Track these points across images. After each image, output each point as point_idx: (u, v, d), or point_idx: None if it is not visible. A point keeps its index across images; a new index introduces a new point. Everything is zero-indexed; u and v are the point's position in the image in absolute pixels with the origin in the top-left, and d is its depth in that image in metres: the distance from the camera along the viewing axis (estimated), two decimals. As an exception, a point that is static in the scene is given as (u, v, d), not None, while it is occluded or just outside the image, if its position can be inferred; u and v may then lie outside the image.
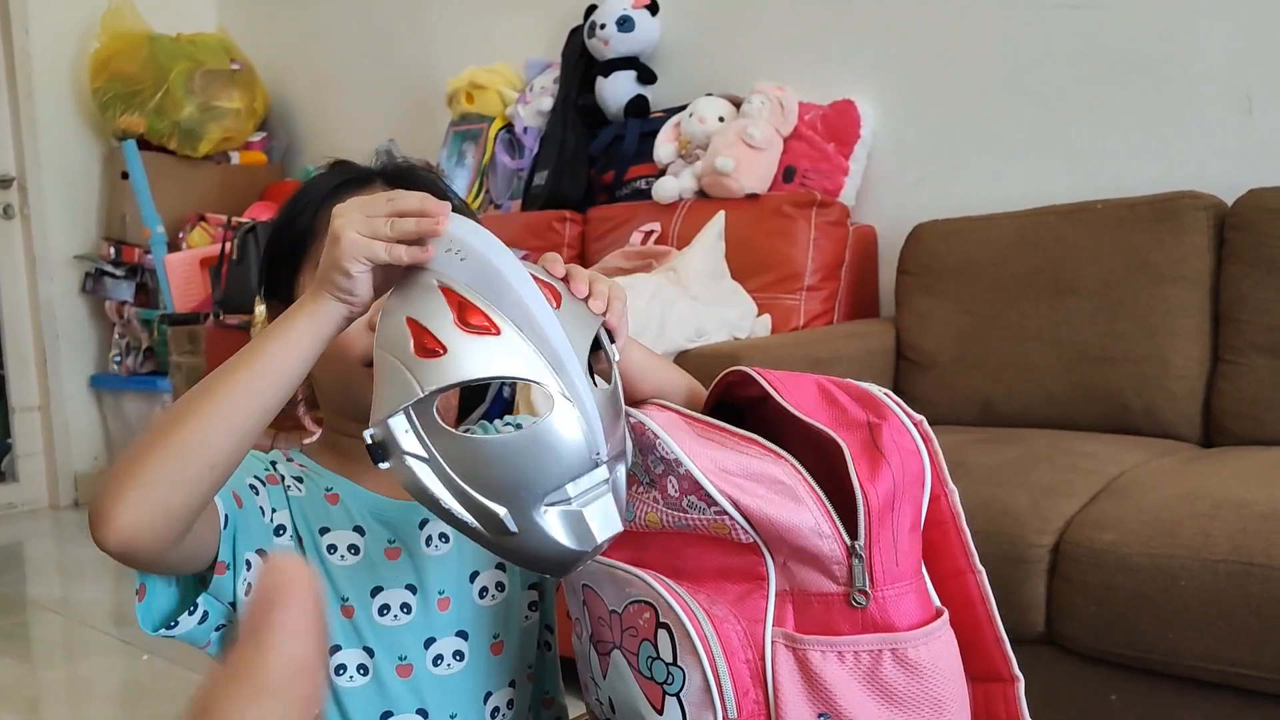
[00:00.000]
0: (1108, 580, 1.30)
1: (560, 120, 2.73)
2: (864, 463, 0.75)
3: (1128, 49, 2.05)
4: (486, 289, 0.71)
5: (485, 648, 0.92)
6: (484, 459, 0.70)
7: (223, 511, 0.83)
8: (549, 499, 0.70)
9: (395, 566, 0.91)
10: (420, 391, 0.69)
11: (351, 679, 0.89)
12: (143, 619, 0.83)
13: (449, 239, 0.73)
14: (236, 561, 0.85)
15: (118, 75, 3.45)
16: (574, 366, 0.70)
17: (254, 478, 0.89)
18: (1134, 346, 1.82)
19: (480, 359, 0.69)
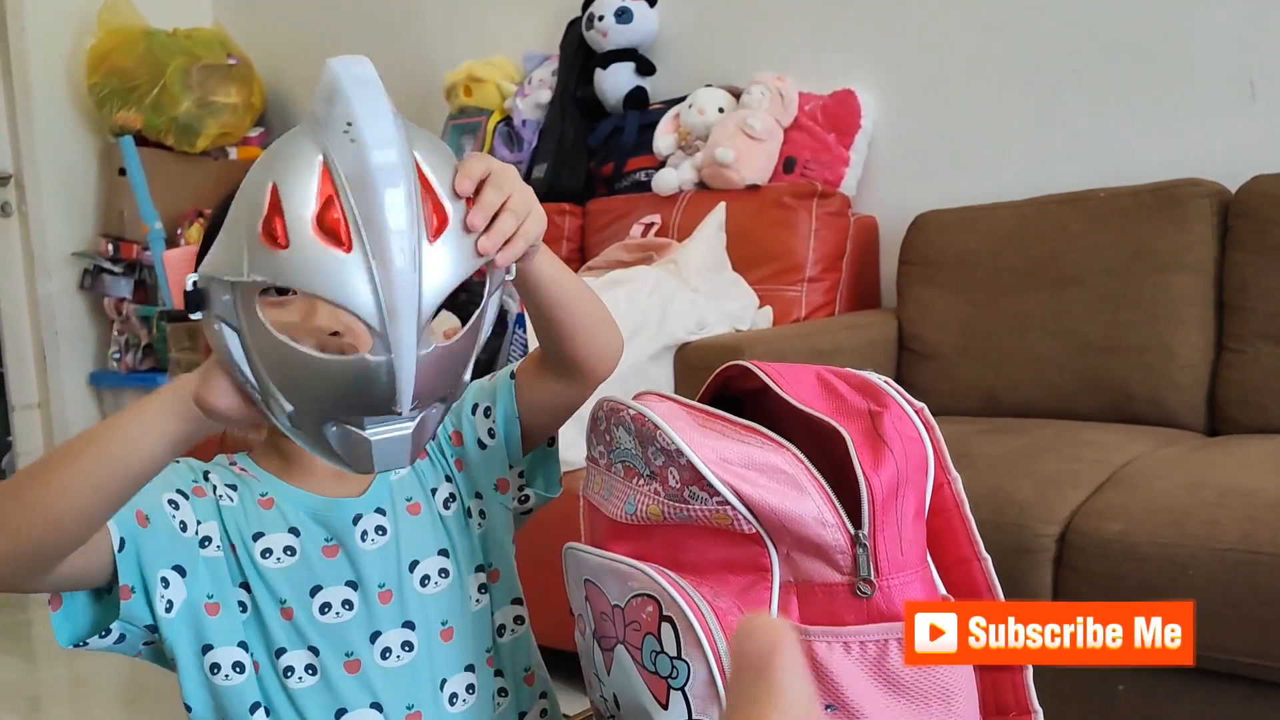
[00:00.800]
0: (1115, 570, 1.29)
1: (559, 113, 2.72)
2: (866, 451, 0.74)
3: (1129, 36, 2.03)
4: (360, 191, 0.64)
5: (434, 636, 0.92)
6: (286, 362, 0.68)
7: (117, 535, 0.82)
8: (339, 421, 0.70)
9: (333, 564, 0.90)
10: (245, 275, 0.66)
11: (301, 680, 0.89)
12: (57, 630, 0.84)
13: (348, 116, 0.65)
14: (148, 582, 0.84)
15: (114, 71, 3.43)
16: (408, 317, 0.65)
17: (176, 492, 0.88)
18: (1138, 335, 1.81)
19: (316, 270, 0.64)
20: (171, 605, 0.86)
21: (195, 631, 0.87)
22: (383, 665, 0.90)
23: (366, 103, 0.65)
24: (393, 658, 0.90)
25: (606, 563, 0.80)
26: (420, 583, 0.92)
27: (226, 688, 0.88)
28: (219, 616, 0.88)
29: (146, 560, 0.84)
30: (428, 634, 0.92)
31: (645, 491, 0.79)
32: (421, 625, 0.91)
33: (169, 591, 0.86)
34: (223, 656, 0.88)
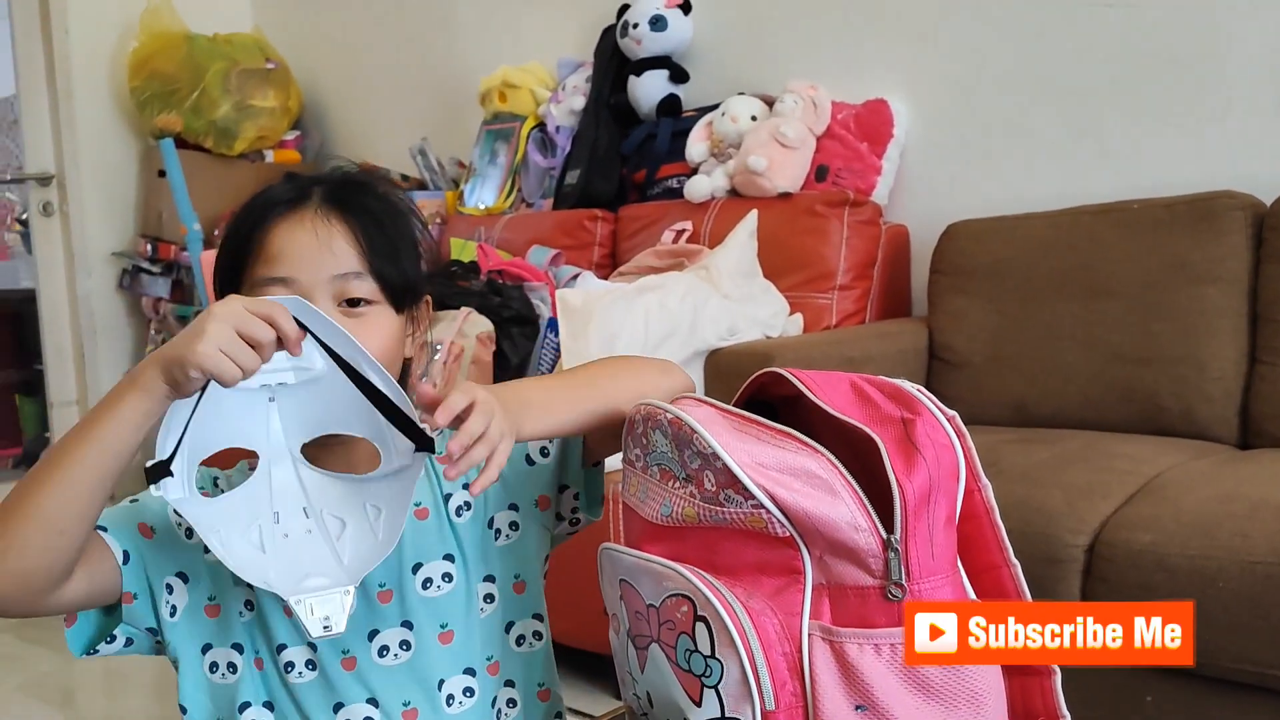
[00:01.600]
0: (1145, 581, 1.29)
1: (592, 119, 2.74)
2: (899, 457, 0.75)
3: (1164, 47, 2.03)
4: None
5: (432, 637, 0.93)
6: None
7: (119, 549, 0.86)
8: None
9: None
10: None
11: (301, 675, 0.91)
12: (71, 642, 0.88)
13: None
14: (153, 589, 0.88)
15: (156, 74, 3.49)
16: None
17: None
18: (1170, 347, 1.81)
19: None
20: (175, 610, 0.90)
21: (198, 633, 0.91)
22: (379, 663, 0.92)
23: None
24: (390, 656, 0.93)
25: (642, 563, 0.81)
26: (422, 585, 0.94)
27: (221, 686, 0.91)
28: (219, 618, 0.91)
29: (151, 569, 0.88)
30: (427, 635, 0.93)
31: (681, 494, 0.80)
32: (420, 626, 0.93)
33: (173, 597, 0.89)
34: (219, 656, 0.91)
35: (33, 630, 2.50)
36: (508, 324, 2.20)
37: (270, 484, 0.84)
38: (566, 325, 1.86)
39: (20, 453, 4.21)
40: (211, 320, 0.75)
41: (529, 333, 2.22)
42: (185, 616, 0.90)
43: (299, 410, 0.83)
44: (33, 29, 3.62)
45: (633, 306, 1.87)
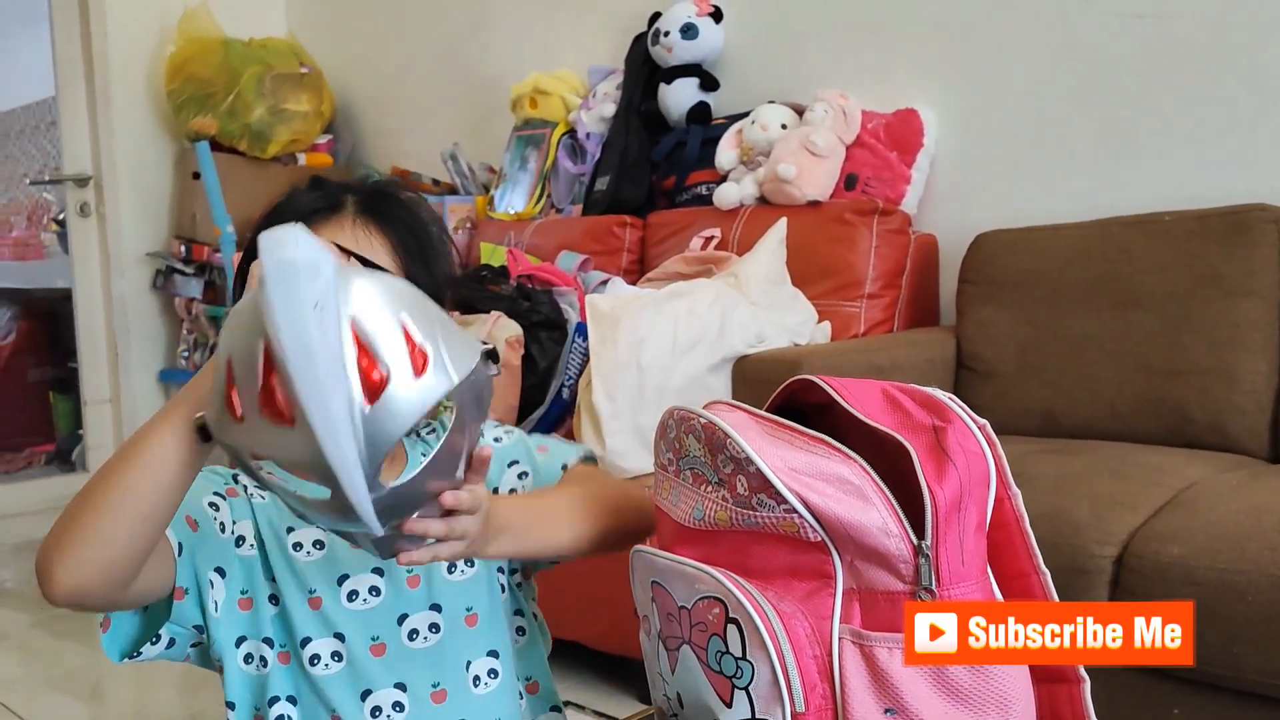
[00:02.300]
0: (1172, 593, 1.29)
1: (623, 126, 2.75)
2: (930, 464, 0.76)
3: (1196, 58, 2.02)
4: (293, 373, 0.66)
5: (459, 620, 0.96)
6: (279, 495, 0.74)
7: (175, 541, 0.87)
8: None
9: (360, 554, 0.94)
10: (215, 434, 0.73)
11: (327, 667, 0.93)
12: (108, 648, 0.89)
13: (271, 308, 0.66)
14: (200, 583, 0.89)
15: (192, 78, 3.54)
16: (353, 473, 0.67)
17: (214, 494, 0.93)
18: (1200, 360, 1.80)
19: (267, 444, 0.69)
20: (217, 605, 0.91)
21: (234, 627, 0.93)
22: (410, 646, 0.95)
23: (284, 290, 0.66)
24: (419, 639, 0.95)
25: (674, 565, 0.82)
26: (448, 569, 0.97)
27: (255, 678, 0.93)
28: (250, 611, 0.93)
29: (200, 561, 0.90)
30: (454, 617, 0.96)
31: (713, 498, 0.81)
32: (448, 609, 0.96)
33: (214, 592, 0.91)
34: (253, 649, 0.93)
35: (62, 624, 2.54)
36: (536, 328, 2.22)
37: None
38: (595, 330, 1.87)
39: (54, 449, 4.26)
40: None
41: (557, 337, 2.24)
42: (225, 611, 0.92)
43: None
44: (72, 32, 3.67)
45: (661, 312, 1.88)
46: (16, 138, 5.27)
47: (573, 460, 1.02)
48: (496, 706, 0.97)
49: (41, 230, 4.98)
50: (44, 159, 5.06)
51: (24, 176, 5.21)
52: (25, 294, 4.75)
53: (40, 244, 4.87)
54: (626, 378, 1.81)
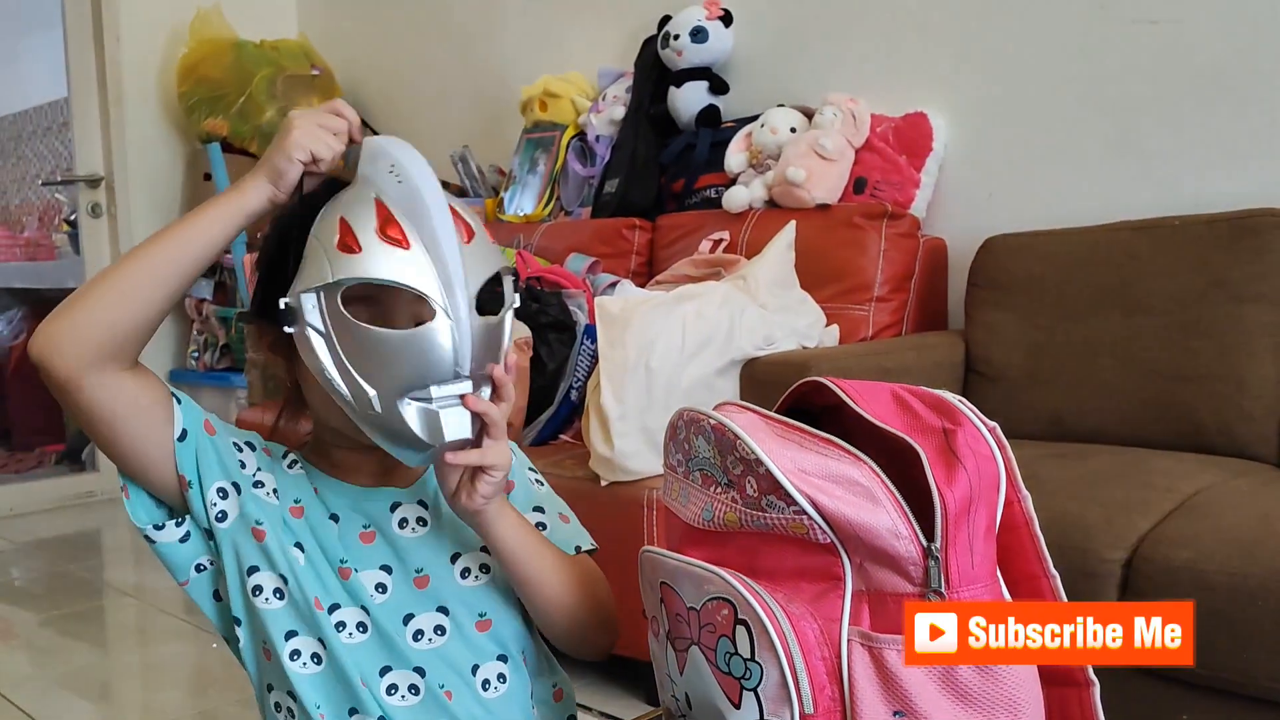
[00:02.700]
0: (1182, 598, 1.28)
1: (632, 129, 2.76)
2: (940, 466, 0.76)
3: (1207, 64, 2.02)
4: (410, 211, 0.84)
5: (469, 624, 0.97)
6: (367, 346, 0.85)
7: (180, 424, 0.91)
8: (413, 394, 0.86)
9: (370, 549, 0.97)
10: (330, 278, 0.84)
11: (351, 635, 0.94)
12: (132, 511, 0.94)
13: (392, 162, 0.86)
14: (204, 485, 0.93)
15: (204, 80, 3.56)
16: (460, 291, 0.84)
17: (245, 443, 0.97)
18: (1209, 365, 1.80)
19: (385, 264, 0.83)
20: (225, 516, 0.93)
21: (243, 548, 0.94)
22: (414, 646, 0.95)
23: (406, 152, 0.87)
24: (424, 640, 0.95)
25: (683, 566, 0.82)
26: (460, 574, 0.98)
27: (266, 611, 0.93)
28: (265, 542, 0.94)
29: (204, 465, 0.93)
30: (463, 622, 0.97)
31: (723, 499, 0.82)
32: (456, 613, 0.97)
33: (225, 503, 0.93)
34: (265, 580, 0.93)
35: (72, 624, 2.55)
36: (545, 330, 2.23)
37: None
38: (604, 332, 1.87)
39: (64, 449, 4.28)
40: (294, 121, 0.89)
41: (566, 339, 2.24)
42: (235, 527, 0.94)
43: None
44: (85, 35, 3.69)
45: (670, 314, 1.88)
46: (29, 139, 5.29)
47: (586, 546, 1.04)
48: (505, 712, 0.97)
49: (53, 231, 5.00)
50: (56, 160, 5.08)
51: (36, 177, 5.23)
52: (37, 294, 4.77)
53: (52, 244, 4.88)
54: (635, 380, 1.81)
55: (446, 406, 0.86)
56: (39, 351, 0.85)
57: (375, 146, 0.88)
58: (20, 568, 3.10)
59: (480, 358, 0.87)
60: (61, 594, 2.79)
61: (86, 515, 3.67)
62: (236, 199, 0.89)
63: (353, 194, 0.86)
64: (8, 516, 3.60)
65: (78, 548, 3.30)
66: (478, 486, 0.91)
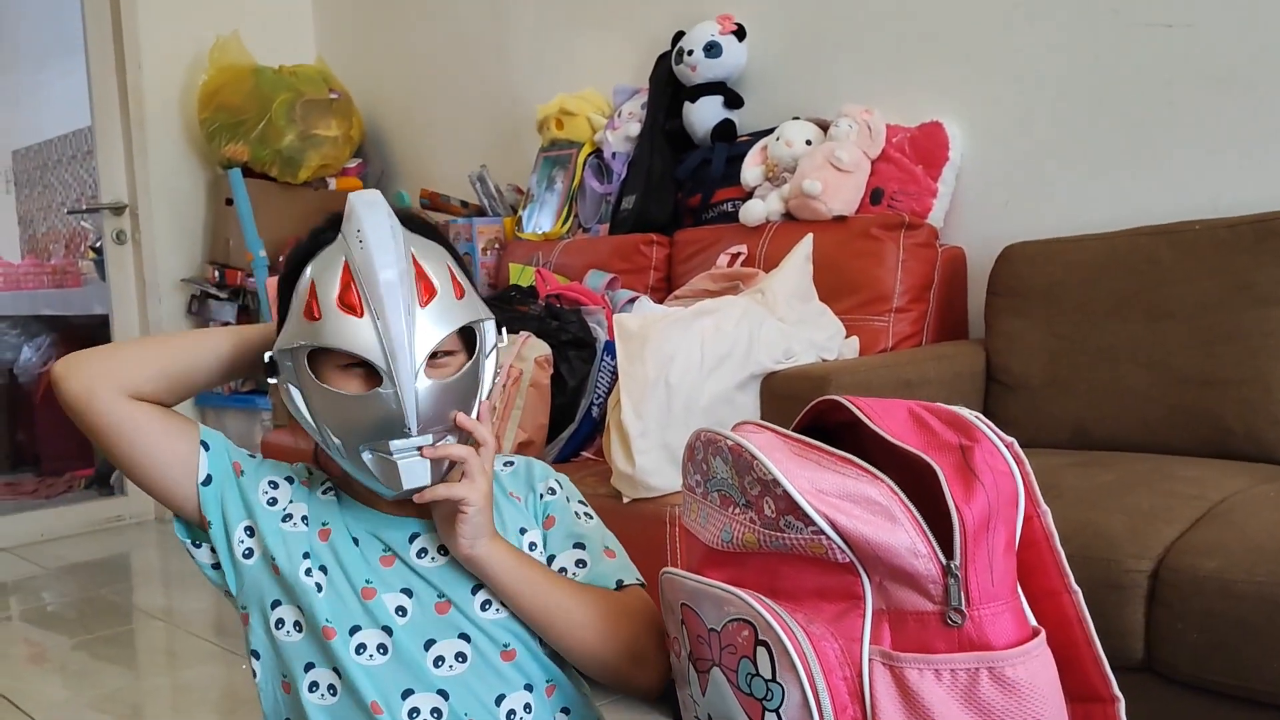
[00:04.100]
0: (1210, 607, 1.27)
1: (648, 145, 2.77)
2: (958, 484, 0.76)
3: (1224, 67, 2.01)
4: (366, 276, 0.91)
5: (494, 654, 0.97)
6: (328, 404, 0.94)
7: (204, 470, 0.98)
8: (372, 446, 0.93)
9: (390, 572, 0.99)
10: (296, 342, 0.94)
11: (372, 657, 0.95)
12: (177, 527, 1.02)
13: (358, 226, 0.93)
14: (229, 526, 0.98)
15: (224, 106, 3.59)
16: (404, 357, 0.90)
17: (285, 478, 1.03)
18: (1235, 370, 1.78)
19: (338, 332, 0.91)
20: (251, 553, 0.98)
21: (265, 584, 0.97)
22: (435, 673, 0.95)
23: (371, 220, 0.93)
24: (445, 666, 0.96)
25: (703, 588, 0.82)
26: (481, 606, 0.98)
27: (286, 643, 0.96)
28: (283, 575, 0.97)
29: (229, 508, 0.98)
30: (486, 651, 0.97)
31: (741, 520, 0.82)
32: (479, 641, 0.97)
33: (251, 540, 0.98)
34: (286, 613, 0.97)
35: (104, 648, 2.57)
36: (565, 347, 2.23)
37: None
38: (623, 349, 1.88)
39: (93, 473, 4.32)
40: None
41: (586, 356, 2.25)
42: (258, 564, 0.98)
43: None
44: (107, 64, 3.75)
45: (689, 330, 1.88)
46: (54, 167, 5.37)
47: (629, 580, 1.04)
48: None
49: (79, 258, 5.07)
50: (81, 188, 5.15)
51: (62, 205, 5.30)
52: (64, 320, 4.83)
53: (78, 271, 4.95)
54: (655, 396, 1.81)
55: (405, 458, 0.92)
56: (56, 372, 0.95)
57: (350, 205, 0.95)
58: (52, 592, 3.13)
59: (433, 415, 0.92)
60: (92, 618, 2.82)
61: (116, 539, 3.71)
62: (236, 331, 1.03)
63: (330, 253, 0.95)
64: (39, 542, 3.64)
65: (107, 572, 3.33)
66: (457, 526, 0.94)
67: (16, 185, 5.70)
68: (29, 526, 3.70)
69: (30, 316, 4.98)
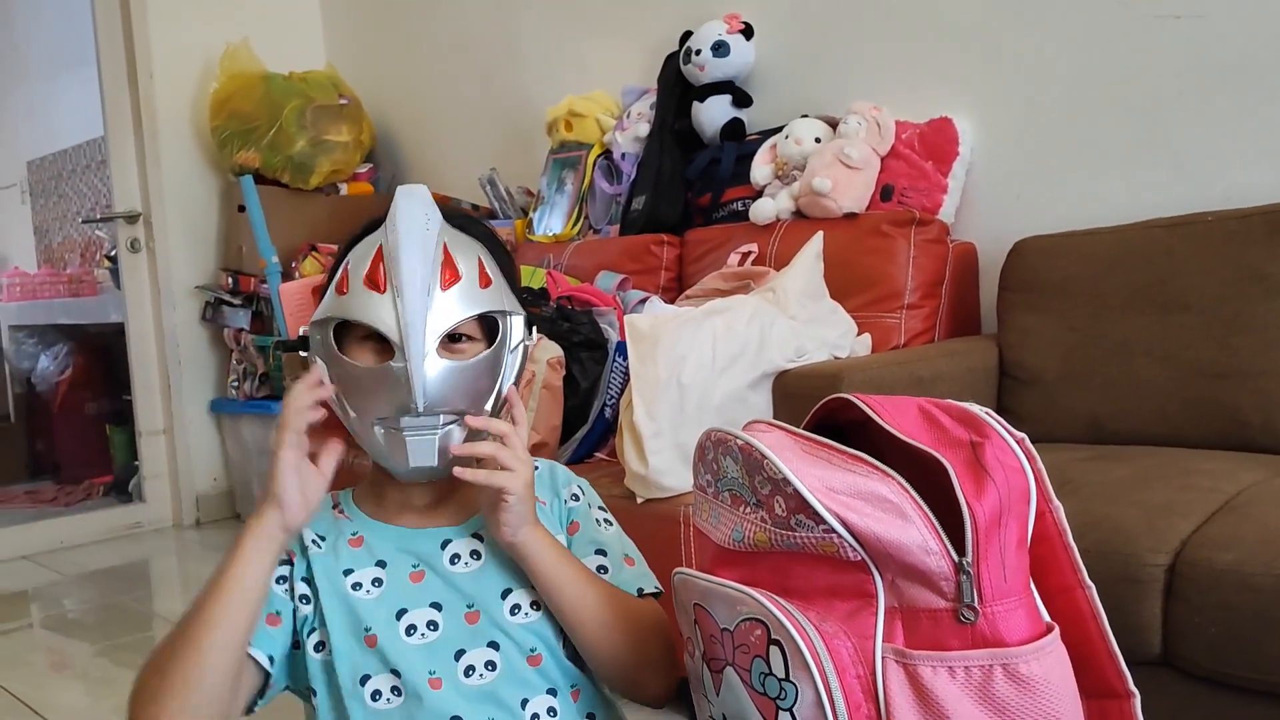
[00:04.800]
0: (1228, 601, 1.27)
1: (657, 145, 2.77)
2: (969, 481, 0.76)
3: (1235, 57, 2.00)
4: (394, 256, 0.96)
5: (520, 659, 0.97)
6: (345, 376, 0.97)
7: (264, 661, 0.96)
8: (383, 421, 0.96)
9: (419, 588, 0.99)
10: (324, 315, 0.99)
11: (389, 701, 0.95)
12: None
13: (395, 214, 0.98)
14: (306, 657, 0.97)
15: (235, 114, 3.61)
16: (418, 334, 0.93)
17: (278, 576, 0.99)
18: (1251, 361, 1.77)
19: (360, 306, 0.96)
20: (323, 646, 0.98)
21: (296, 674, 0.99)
22: (465, 682, 0.95)
23: (407, 208, 0.98)
24: (475, 676, 0.96)
25: (715, 588, 0.83)
26: (510, 611, 0.98)
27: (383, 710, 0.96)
28: (301, 653, 0.98)
29: (295, 660, 0.98)
30: (514, 657, 0.97)
31: (752, 520, 0.82)
32: (507, 647, 0.97)
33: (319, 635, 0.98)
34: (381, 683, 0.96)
35: (125, 654, 2.59)
36: (577, 349, 2.24)
37: None
38: (635, 349, 1.88)
39: (111, 480, 4.35)
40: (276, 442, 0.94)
41: (598, 357, 2.25)
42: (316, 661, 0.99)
43: None
44: (119, 75, 3.77)
45: (700, 329, 1.88)
46: (69, 177, 5.40)
47: (649, 589, 1.04)
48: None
49: (95, 267, 5.10)
50: (95, 197, 5.18)
51: (76, 215, 5.34)
52: (81, 329, 4.87)
53: (94, 280, 4.98)
54: (667, 396, 1.81)
55: (413, 435, 0.95)
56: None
57: (396, 194, 1.00)
58: (72, 599, 3.16)
59: (441, 396, 0.95)
60: (113, 625, 2.83)
61: (135, 546, 3.73)
62: (255, 546, 0.92)
63: (370, 240, 1.00)
64: (58, 549, 3.66)
65: (127, 579, 3.35)
66: (500, 515, 0.94)
67: (32, 196, 5.73)
68: (48, 534, 3.72)
69: (47, 325, 5.01)
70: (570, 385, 2.20)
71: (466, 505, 1.03)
